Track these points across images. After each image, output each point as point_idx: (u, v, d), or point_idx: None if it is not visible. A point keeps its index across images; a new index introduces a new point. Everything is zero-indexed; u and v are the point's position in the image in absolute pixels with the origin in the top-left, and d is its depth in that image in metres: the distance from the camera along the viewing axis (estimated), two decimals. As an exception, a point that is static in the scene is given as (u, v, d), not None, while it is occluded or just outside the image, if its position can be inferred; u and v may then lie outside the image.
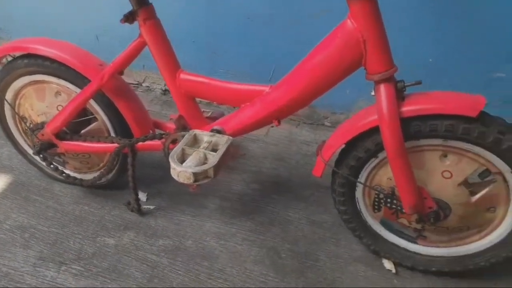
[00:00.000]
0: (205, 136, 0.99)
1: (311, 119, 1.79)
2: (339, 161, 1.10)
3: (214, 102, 1.67)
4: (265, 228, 1.33)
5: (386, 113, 0.91)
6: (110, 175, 1.37)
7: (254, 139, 1.73)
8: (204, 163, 0.91)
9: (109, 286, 1.15)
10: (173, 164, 0.89)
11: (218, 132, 1.05)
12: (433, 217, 1.01)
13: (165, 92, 1.94)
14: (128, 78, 2.01)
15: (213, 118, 1.21)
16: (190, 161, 0.91)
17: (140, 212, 1.36)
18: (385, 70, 0.90)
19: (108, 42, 1.87)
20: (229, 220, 1.35)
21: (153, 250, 1.25)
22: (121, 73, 1.19)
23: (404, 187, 0.98)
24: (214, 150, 0.95)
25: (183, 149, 0.94)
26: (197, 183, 0.90)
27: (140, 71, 1.92)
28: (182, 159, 0.93)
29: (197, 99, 1.18)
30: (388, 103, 0.91)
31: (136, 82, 1.96)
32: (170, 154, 0.92)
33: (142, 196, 1.43)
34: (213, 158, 0.91)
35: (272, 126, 1.68)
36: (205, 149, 0.94)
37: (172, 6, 1.62)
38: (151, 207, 1.40)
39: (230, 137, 0.98)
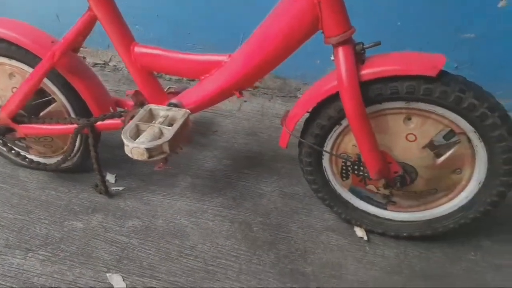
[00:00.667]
0: (161, 111, 0.95)
1: (283, 92, 1.76)
2: (304, 131, 1.07)
3: (173, 75, 1.61)
4: (237, 203, 1.31)
5: (344, 77, 0.88)
6: (75, 158, 1.33)
7: (227, 115, 1.69)
8: (160, 138, 0.87)
9: (77, 270, 1.12)
10: (125, 141, 0.86)
11: (176, 106, 1.01)
12: (399, 182, 1.00)
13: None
14: (94, 58, 1.95)
15: (175, 93, 1.17)
16: (143, 137, 0.87)
17: (109, 194, 1.33)
18: (342, 32, 0.86)
19: (69, 21, 1.79)
20: (200, 197, 1.33)
21: (122, 232, 1.23)
22: (76, 50, 1.14)
23: (367, 152, 0.96)
24: (171, 124, 0.92)
25: (137, 125, 0.90)
26: (152, 159, 0.87)
27: (106, 51, 1.86)
28: (137, 136, 0.89)
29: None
30: (346, 67, 0.88)
31: (103, 62, 1.90)
32: (123, 131, 0.88)
33: (111, 178, 1.40)
34: (168, 133, 0.87)
35: (246, 101, 1.67)
36: (161, 124, 0.90)
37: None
38: (120, 188, 1.36)
39: (188, 111, 0.94)
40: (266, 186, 1.37)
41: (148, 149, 0.84)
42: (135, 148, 0.84)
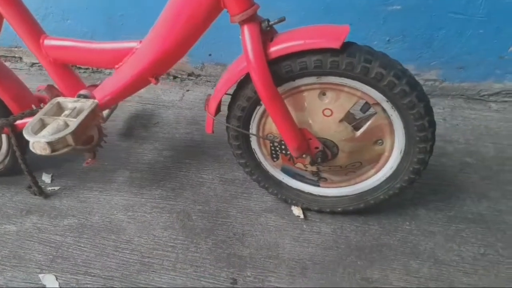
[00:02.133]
0: (69, 103, 0.92)
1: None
2: (229, 115, 1.06)
3: (87, 66, 1.56)
4: (176, 194, 1.29)
5: (251, 57, 0.87)
6: (6, 161, 1.29)
7: (169, 106, 1.67)
8: (63, 131, 0.84)
9: (9, 274, 1.09)
10: (26, 136, 0.83)
11: (85, 97, 0.98)
12: (320, 157, 1.00)
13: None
14: (31, 57, 1.89)
15: (96, 86, 1.14)
16: (46, 130, 0.84)
17: (44, 194, 1.29)
18: (244, 10, 0.85)
19: None
20: (138, 190, 1.31)
21: (57, 231, 1.20)
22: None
23: (284, 130, 0.95)
24: (80, 116, 0.89)
25: (41, 119, 0.87)
26: (57, 153, 0.84)
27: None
28: (42, 130, 0.86)
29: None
30: (252, 45, 0.87)
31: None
32: (25, 126, 0.85)
33: (47, 178, 1.36)
34: (72, 124, 0.85)
35: (189, 91, 1.63)
36: (67, 116, 0.88)
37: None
38: (56, 187, 1.33)
39: (95, 101, 0.92)
40: (207, 174, 1.36)
41: (49, 143, 0.82)
42: (36, 143, 0.81)
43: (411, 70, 1.49)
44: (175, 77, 1.79)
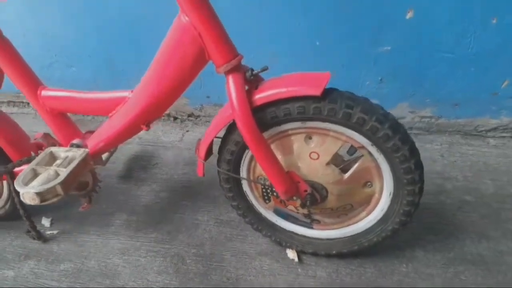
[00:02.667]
0: (62, 153, 0.95)
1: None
2: (219, 158, 1.08)
3: (82, 115, 1.61)
4: (172, 236, 1.30)
5: (235, 105, 0.89)
6: (7, 206, 1.32)
7: (169, 147, 1.70)
8: (52, 181, 0.87)
9: (2, 322, 1.10)
10: (16, 187, 0.86)
11: (78, 146, 1.01)
12: (309, 200, 1.00)
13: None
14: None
15: (92, 132, 1.17)
16: (37, 181, 0.87)
17: (43, 238, 1.31)
18: (228, 61, 0.88)
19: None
20: (134, 234, 1.32)
21: (53, 276, 1.21)
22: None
23: (271, 175, 0.96)
24: (71, 165, 0.92)
25: (33, 169, 0.90)
26: (46, 202, 0.86)
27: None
28: (34, 179, 0.89)
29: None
30: (237, 95, 0.89)
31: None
32: (17, 177, 0.88)
33: (46, 222, 1.38)
34: (62, 174, 0.87)
35: (188, 131, 1.67)
36: (59, 166, 0.90)
37: (66, 26, 1.59)
38: (55, 231, 1.35)
39: (86, 150, 0.95)
40: (202, 216, 1.36)
41: (38, 193, 0.84)
42: (25, 193, 0.84)
43: (405, 108, 1.52)
44: (175, 118, 1.83)
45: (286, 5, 1.35)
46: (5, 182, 1.27)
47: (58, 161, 0.92)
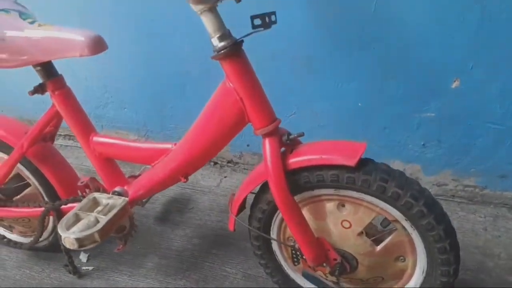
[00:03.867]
0: (103, 199, 1.01)
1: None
2: (250, 215, 1.09)
3: (129, 162, 1.67)
4: (199, 286, 1.30)
5: (270, 167, 0.91)
6: (51, 237, 1.40)
7: (206, 191, 1.74)
8: (91, 228, 0.92)
9: None
10: (59, 230, 0.91)
11: (119, 194, 1.07)
12: (338, 269, 0.98)
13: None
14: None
15: (136, 177, 1.23)
16: (77, 226, 0.92)
17: (78, 274, 1.36)
18: (265, 125, 0.91)
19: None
20: (164, 279, 1.34)
21: (82, 313, 1.25)
22: (51, 139, 1.24)
23: (300, 239, 0.96)
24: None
25: (76, 214, 0.96)
26: (84, 248, 0.91)
27: (100, 131, 1.99)
28: (76, 224, 0.95)
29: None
30: (271, 157, 0.91)
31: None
32: (61, 221, 0.94)
33: (83, 257, 1.44)
34: (101, 222, 0.92)
35: (226, 177, 1.71)
36: (99, 213, 0.96)
37: (123, 71, 1.72)
38: (90, 268, 1.40)
39: (126, 199, 1.00)
40: (231, 268, 1.36)
41: (77, 239, 0.89)
42: (66, 238, 0.89)
43: (448, 175, 1.47)
44: (215, 163, 1.88)
45: (331, 68, 1.39)
46: (51, 217, 1.35)
47: (99, 208, 0.98)
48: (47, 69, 1.08)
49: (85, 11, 1.62)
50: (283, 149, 0.96)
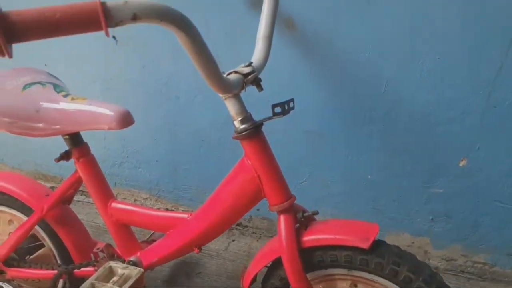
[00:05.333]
0: (119, 269, 1.02)
1: (270, 232, 1.81)
2: (263, 288, 1.10)
3: (145, 229, 1.70)
4: None
5: (284, 244, 0.94)
6: (59, 299, 1.39)
7: (214, 255, 1.74)
8: (106, 299, 0.93)
9: None
10: (76, 301, 0.92)
11: (134, 263, 1.09)
12: None
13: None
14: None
15: (149, 242, 1.26)
16: (93, 297, 0.94)
17: (83, 338, 1.34)
18: (280, 203, 0.95)
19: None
20: None
21: None
22: (68, 201, 1.29)
23: (312, 319, 0.96)
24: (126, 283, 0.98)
25: (92, 283, 0.97)
26: (98, 319, 0.92)
27: (113, 188, 2.02)
28: (91, 294, 0.96)
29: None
30: (286, 235, 0.94)
31: (110, 199, 2.07)
32: (77, 290, 0.96)
33: (89, 321, 1.42)
34: (116, 294, 0.94)
35: (235, 240, 1.73)
36: (115, 283, 0.97)
37: (140, 133, 1.79)
38: (95, 332, 1.38)
39: (141, 269, 1.01)
40: None
41: (93, 311, 0.90)
42: (82, 308, 0.90)
43: (457, 250, 1.48)
44: (224, 226, 1.89)
45: (342, 141, 1.45)
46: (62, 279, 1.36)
47: (114, 278, 1.00)
48: (74, 138, 1.15)
49: (107, 76, 1.72)
50: (297, 225, 0.99)
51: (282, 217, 0.96)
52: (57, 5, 0.54)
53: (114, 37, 1.69)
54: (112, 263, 1.04)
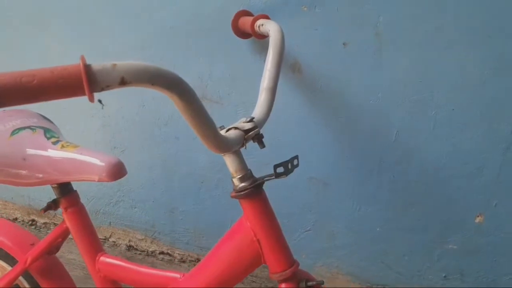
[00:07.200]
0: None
1: (272, 282, 1.70)
2: None
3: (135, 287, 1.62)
4: None
5: (287, 315, 0.85)
6: None
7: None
8: None
9: None
10: None
11: (120, 328, 1.00)
12: None
13: (129, 248, 1.93)
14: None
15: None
16: None
17: None
18: (282, 271, 0.86)
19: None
20: None
21: None
22: (55, 251, 1.20)
23: None
24: None
25: None
26: None
27: (107, 227, 1.95)
28: None
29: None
30: (287, 306, 0.85)
31: (104, 237, 1.98)
32: None
33: None
34: None
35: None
36: None
37: (137, 172, 1.72)
38: None
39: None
40: None
41: None
42: None
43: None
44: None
45: (349, 191, 1.37)
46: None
47: None
48: (63, 187, 1.08)
49: (105, 112, 1.67)
50: (300, 293, 0.90)
51: (283, 286, 0.87)
52: (36, 69, 0.47)
53: (100, 101, 1.66)
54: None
